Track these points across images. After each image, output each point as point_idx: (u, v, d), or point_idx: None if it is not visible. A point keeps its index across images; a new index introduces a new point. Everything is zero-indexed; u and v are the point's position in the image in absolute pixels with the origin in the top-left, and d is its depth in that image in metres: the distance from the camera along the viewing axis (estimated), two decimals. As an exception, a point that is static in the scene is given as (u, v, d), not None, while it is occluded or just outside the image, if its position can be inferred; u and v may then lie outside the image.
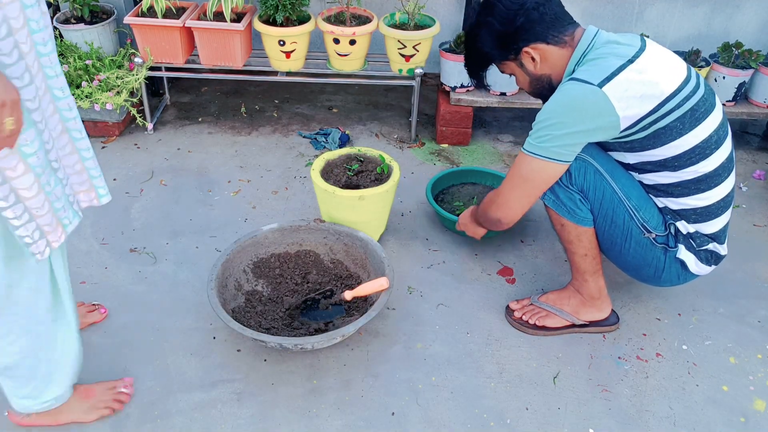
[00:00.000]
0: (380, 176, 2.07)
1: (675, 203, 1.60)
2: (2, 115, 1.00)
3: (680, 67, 1.53)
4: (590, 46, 1.53)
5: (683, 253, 1.62)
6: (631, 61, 1.47)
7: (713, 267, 1.68)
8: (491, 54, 1.63)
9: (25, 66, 1.12)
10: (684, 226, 1.61)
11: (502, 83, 2.52)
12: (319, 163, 2.04)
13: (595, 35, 1.54)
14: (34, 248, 1.22)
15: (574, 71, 1.55)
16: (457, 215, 2.07)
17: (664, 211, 1.63)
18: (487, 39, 1.60)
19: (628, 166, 1.61)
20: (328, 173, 2.06)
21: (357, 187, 2.03)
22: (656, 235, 1.61)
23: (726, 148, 1.57)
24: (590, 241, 1.67)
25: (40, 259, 1.25)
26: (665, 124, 1.48)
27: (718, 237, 1.64)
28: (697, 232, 1.62)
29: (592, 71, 1.48)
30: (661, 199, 1.61)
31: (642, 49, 1.50)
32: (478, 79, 1.76)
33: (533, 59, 1.58)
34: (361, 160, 2.12)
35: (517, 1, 1.53)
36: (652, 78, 1.46)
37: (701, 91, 1.52)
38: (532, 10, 1.52)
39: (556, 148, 1.52)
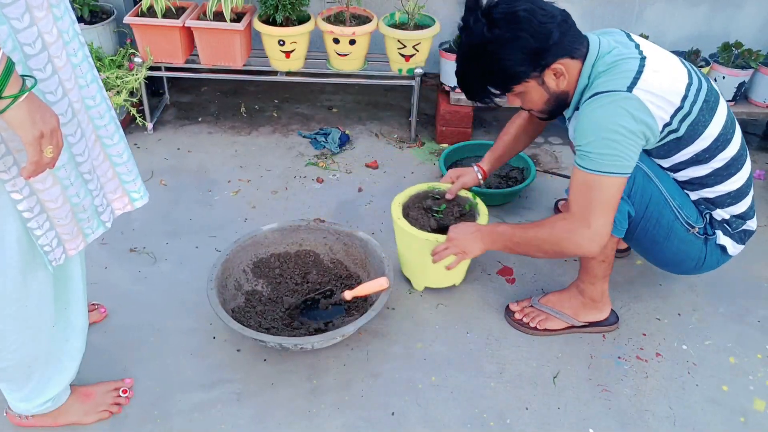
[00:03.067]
0: (463, 212, 1.92)
1: (711, 192, 1.61)
2: (42, 144, 1.00)
3: (677, 61, 1.55)
4: (598, 57, 1.50)
5: (722, 239, 1.64)
6: (643, 62, 1.46)
7: (745, 245, 1.70)
8: (519, 73, 1.46)
9: (59, 80, 1.11)
10: (718, 214, 1.63)
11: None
12: (400, 200, 1.90)
13: (599, 45, 1.51)
14: (51, 256, 1.23)
15: (589, 84, 1.50)
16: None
17: (697, 202, 1.64)
18: (517, 56, 1.43)
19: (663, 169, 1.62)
20: (405, 213, 1.90)
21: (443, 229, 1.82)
22: (698, 228, 1.62)
23: (739, 128, 1.61)
24: (612, 249, 1.67)
25: (55, 266, 1.25)
26: (693, 118, 1.48)
27: (747, 214, 1.66)
28: (731, 216, 1.64)
29: (614, 80, 1.44)
30: (696, 191, 1.62)
31: (638, 45, 1.51)
32: (488, 101, 1.57)
33: (557, 75, 1.48)
34: (437, 198, 1.99)
35: (548, 12, 1.42)
36: (668, 76, 1.47)
37: (705, 81, 1.54)
38: (563, 22, 1.43)
39: (618, 161, 1.43)
